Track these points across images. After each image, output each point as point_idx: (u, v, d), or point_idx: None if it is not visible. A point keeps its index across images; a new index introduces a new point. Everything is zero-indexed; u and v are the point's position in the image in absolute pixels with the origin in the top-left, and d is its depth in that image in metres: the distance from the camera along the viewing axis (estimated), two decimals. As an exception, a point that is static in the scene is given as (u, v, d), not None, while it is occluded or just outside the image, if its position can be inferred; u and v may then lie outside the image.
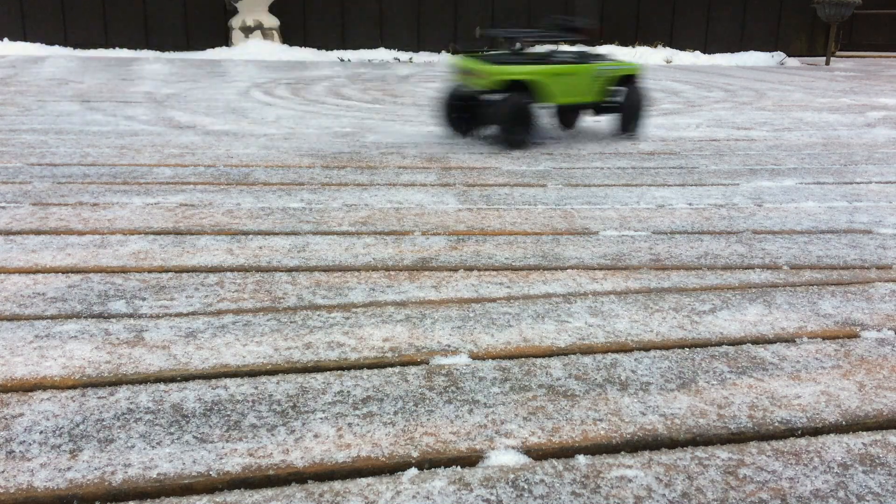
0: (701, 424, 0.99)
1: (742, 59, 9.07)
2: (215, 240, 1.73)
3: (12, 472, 0.86)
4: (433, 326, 1.28)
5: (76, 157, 2.63)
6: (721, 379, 1.11)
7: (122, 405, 1.00)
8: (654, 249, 1.73)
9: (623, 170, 2.63)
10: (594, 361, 1.16)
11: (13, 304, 1.33)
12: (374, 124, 3.60)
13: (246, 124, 3.50)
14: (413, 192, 2.24)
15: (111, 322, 1.27)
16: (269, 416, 0.98)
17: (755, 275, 1.58)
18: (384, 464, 0.89)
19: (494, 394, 1.05)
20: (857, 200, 2.25)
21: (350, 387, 1.06)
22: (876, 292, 1.49)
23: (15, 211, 1.94)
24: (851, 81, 6.48)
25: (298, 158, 2.71)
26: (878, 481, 0.87)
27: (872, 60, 9.62)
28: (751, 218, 2.03)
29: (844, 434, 0.97)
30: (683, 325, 1.30)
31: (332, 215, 1.96)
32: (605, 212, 2.06)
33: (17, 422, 0.96)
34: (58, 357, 1.13)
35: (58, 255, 1.60)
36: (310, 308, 1.35)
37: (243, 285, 1.45)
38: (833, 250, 1.76)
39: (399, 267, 1.58)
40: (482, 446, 0.93)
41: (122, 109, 3.91)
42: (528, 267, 1.59)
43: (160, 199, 2.08)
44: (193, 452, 0.90)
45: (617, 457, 0.91)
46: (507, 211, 2.05)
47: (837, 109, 4.49)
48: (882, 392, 1.08)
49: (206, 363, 1.12)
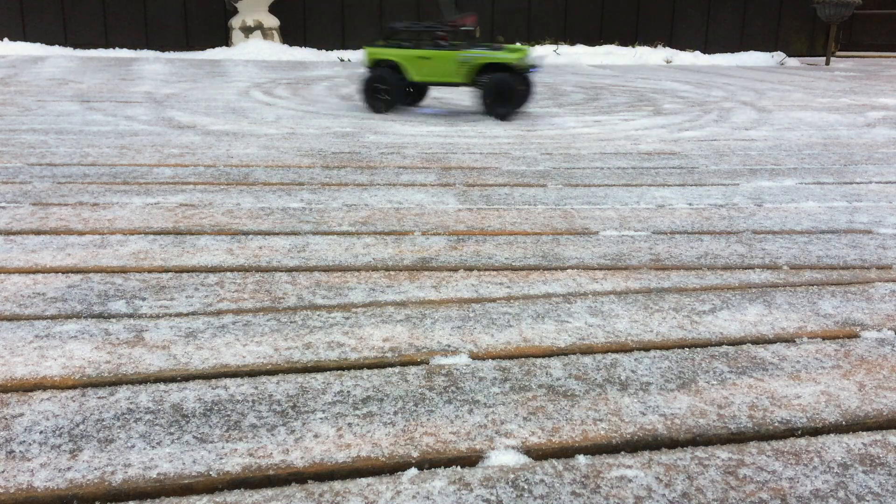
0: (701, 424, 0.99)
1: (742, 59, 9.07)
2: (215, 240, 1.73)
3: (12, 472, 0.86)
4: (433, 326, 1.28)
5: (76, 157, 2.63)
6: (721, 379, 1.11)
7: (122, 405, 1.00)
8: (654, 249, 1.73)
9: (623, 170, 2.63)
10: (594, 361, 1.16)
11: (13, 304, 1.33)
12: (374, 124, 3.60)
13: (246, 124, 3.50)
14: (413, 191, 2.24)
15: (111, 322, 1.27)
16: (269, 416, 0.98)
17: (755, 275, 1.58)
18: (384, 464, 0.89)
19: (494, 394, 1.05)
20: (857, 200, 2.25)
21: (350, 387, 1.06)
22: (876, 292, 1.49)
23: (15, 211, 1.94)
24: (851, 81, 6.48)
25: (298, 158, 2.71)
26: (878, 481, 0.87)
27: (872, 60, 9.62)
28: (751, 218, 2.03)
29: (844, 434, 0.97)
30: (683, 325, 1.30)
31: (332, 215, 1.96)
32: (605, 212, 2.06)
33: (17, 422, 0.96)
34: (58, 357, 1.13)
35: (58, 255, 1.60)
36: (310, 308, 1.35)
37: (243, 285, 1.45)
38: (833, 250, 1.76)
39: (399, 267, 1.58)
40: (482, 446, 0.93)
41: (122, 109, 3.91)
42: (528, 267, 1.59)
43: (160, 199, 2.08)
44: (193, 452, 0.90)
45: (617, 457, 0.91)
46: (507, 211, 2.05)
47: (837, 109, 4.49)
48: (882, 392, 1.08)
49: (206, 363, 1.12)
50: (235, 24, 8.63)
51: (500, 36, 9.15)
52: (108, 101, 4.21)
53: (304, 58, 8.28)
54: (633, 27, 9.68)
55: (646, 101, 4.81)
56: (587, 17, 9.64)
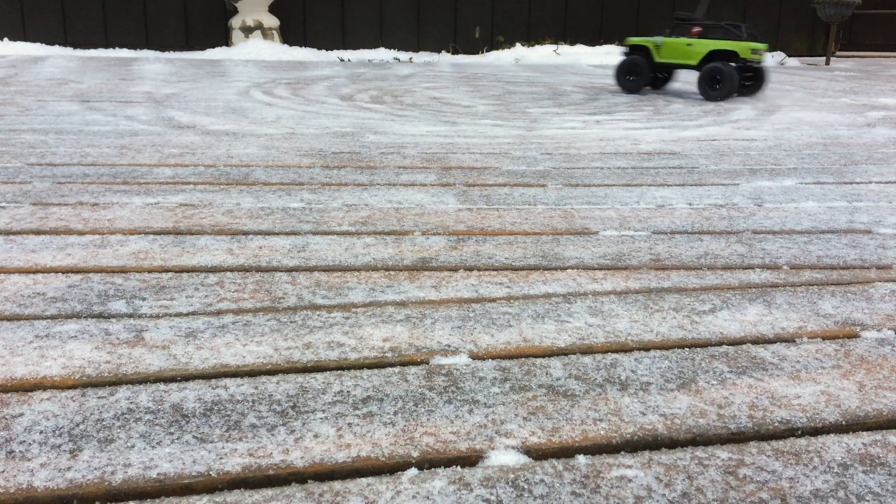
0: (701, 424, 0.99)
1: (742, 59, 9.05)
2: (215, 240, 1.73)
3: (12, 472, 0.86)
4: (433, 326, 1.28)
5: (76, 157, 2.63)
6: (721, 379, 1.11)
7: (122, 405, 1.00)
8: (654, 249, 1.73)
9: (623, 170, 2.63)
10: (594, 361, 1.16)
11: (13, 304, 1.33)
12: (374, 124, 3.60)
13: (246, 124, 3.50)
14: (413, 191, 2.24)
15: (111, 322, 1.27)
16: (269, 416, 0.98)
17: (755, 275, 1.58)
18: (384, 464, 0.89)
19: (494, 394, 1.05)
20: (857, 200, 2.25)
21: (350, 387, 1.06)
22: (876, 292, 1.49)
23: (15, 211, 1.94)
24: (851, 81, 6.48)
25: (298, 158, 2.71)
26: (878, 481, 0.87)
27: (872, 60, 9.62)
28: (751, 218, 2.03)
29: (844, 434, 0.97)
30: (683, 325, 1.30)
31: (332, 215, 1.96)
32: (605, 212, 2.06)
33: (17, 422, 0.96)
34: (58, 357, 1.13)
35: (58, 255, 1.60)
36: (310, 308, 1.35)
37: (243, 285, 1.45)
38: (833, 250, 1.76)
39: (399, 267, 1.58)
40: (482, 446, 0.93)
41: (122, 109, 3.91)
42: (528, 267, 1.59)
43: (160, 199, 2.08)
44: (193, 452, 0.90)
45: (617, 457, 0.91)
46: (507, 211, 2.05)
47: (837, 109, 4.49)
48: (882, 392, 1.08)
49: (206, 363, 1.12)
50: (235, 24, 8.63)
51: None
52: (108, 101, 4.21)
53: (304, 58, 8.28)
54: (633, 27, 9.68)
55: (646, 101, 4.81)
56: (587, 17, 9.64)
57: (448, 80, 6.05)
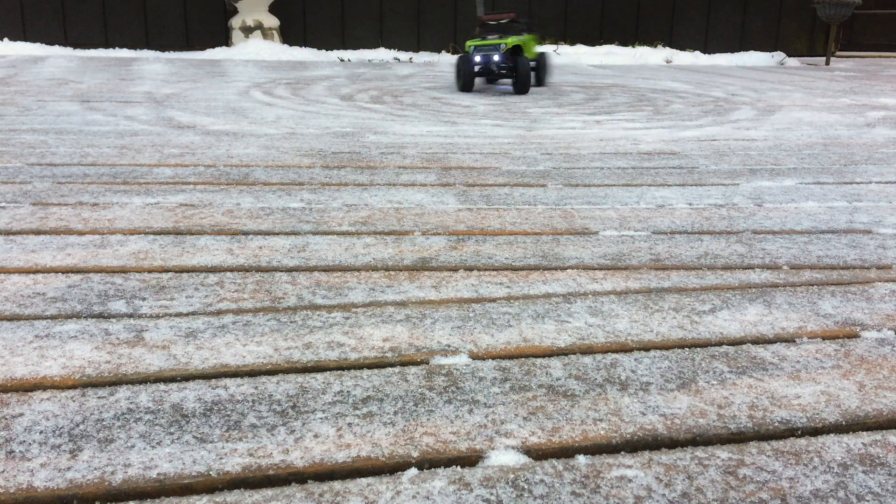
0: (701, 424, 0.99)
1: (742, 59, 9.07)
2: (215, 240, 1.73)
3: (12, 472, 0.86)
4: (433, 326, 1.28)
5: (76, 157, 2.63)
6: (721, 379, 1.11)
7: (122, 405, 1.00)
8: (654, 249, 1.73)
9: (623, 170, 2.63)
10: (594, 361, 1.16)
11: (13, 304, 1.33)
12: (374, 124, 3.60)
13: (246, 124, 3.50)
14: (413, 192, 2.24)
15: (111, 322, 1.27)
16: (269, 416, 0.98)
17: (755, 275, 1.58)
18: (384, 464, 0.89)
19: (494, 394, 1.05)
20: (857, 200, 2.25)
21: (350, 387, 1.06)
22: (876, 292, 1.49)
23: (15, 211, 1.94)
24: (851, 81, 6.48)
25: (298, 158, 2.71)
26: (878, 481, 0.87)
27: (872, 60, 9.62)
28: (751, 218, 2.03)
29: (844, 434, 0.97)
30: (683, 325, 1.30)
31: (332, 215, 1.96)
32: (605, 212, 2.06)
33: (17, 422, 0.96)
34: (58, 357, 1.13)
35: (58, 255, 1.60)
36: (310, 308, 1.35)
37: (243, 285, 1.45)
38: (833, 250, 1.76)
39: (399, 267, 1.58)
40: (482, 446, 0.93)
41: (122, 109, 3.91)
42: (528, 267, 1.59)
43: (160, 199, 2.08)
44: (193, 452, 0.90)
45: (617, 457, 0.91)
46: (507, 211, 2.05)
47: (837, 109, 4.49)
48: (882, 392, 1.08)
49: (206, 363, 1.12)
50: (235, 24, 8.63)
51: None
52: (108, 101, 4.21)
53: (304, 58, 8.28)
54: (633, 27, 9.68)
55: (646, 101, 4.81)
56: (587, 17, 9.64)
57: (448, 80, 6.05)
